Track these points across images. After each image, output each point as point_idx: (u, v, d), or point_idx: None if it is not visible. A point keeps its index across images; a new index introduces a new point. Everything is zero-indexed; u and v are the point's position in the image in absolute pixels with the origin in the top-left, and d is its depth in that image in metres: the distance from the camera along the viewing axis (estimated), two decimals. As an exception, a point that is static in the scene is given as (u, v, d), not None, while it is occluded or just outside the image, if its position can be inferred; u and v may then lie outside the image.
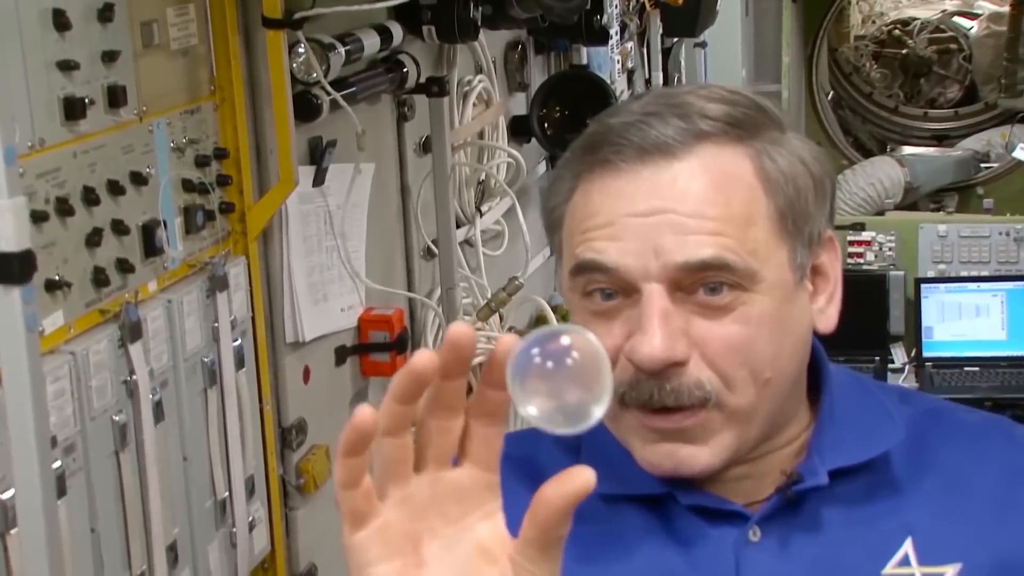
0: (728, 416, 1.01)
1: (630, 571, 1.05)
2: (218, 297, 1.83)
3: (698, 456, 1.01)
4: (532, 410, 0.76)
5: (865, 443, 1.07)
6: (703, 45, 4.81)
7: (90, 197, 1.57)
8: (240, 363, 1.89)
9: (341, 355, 2.23)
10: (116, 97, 1.62)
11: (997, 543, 1.04)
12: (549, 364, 0.75)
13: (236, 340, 1.89)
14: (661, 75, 4.27)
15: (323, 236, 2.15)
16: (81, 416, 1.55)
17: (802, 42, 5.69)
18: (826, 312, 1.08)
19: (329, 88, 2.03)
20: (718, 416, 1.01)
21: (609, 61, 3.73)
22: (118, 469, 1.63)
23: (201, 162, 1.83)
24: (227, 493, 1.88)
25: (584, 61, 3.36)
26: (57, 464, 1.48)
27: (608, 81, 3.47)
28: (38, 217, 1.48)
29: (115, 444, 1.62)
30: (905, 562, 1.04)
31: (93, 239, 1.58)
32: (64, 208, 1.52)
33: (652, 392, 0.99)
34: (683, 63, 4.58)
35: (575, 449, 1.06)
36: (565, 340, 0.76)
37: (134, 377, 1.64)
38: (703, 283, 0.99)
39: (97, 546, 1.59)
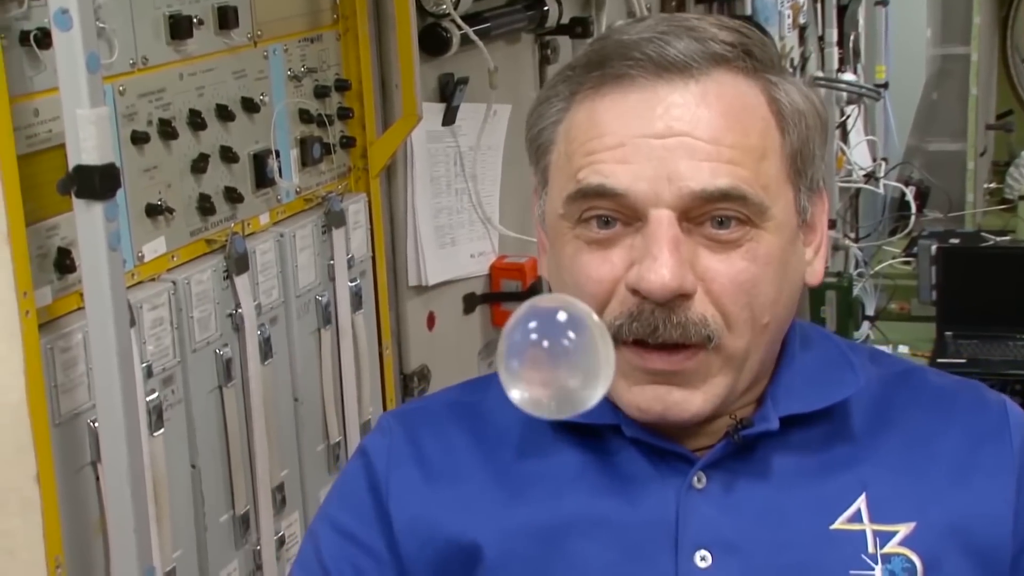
0: (724, 360, 0.95)
1: (563, 514, 0.99)
2: (334, 234, 1.76)
3: (691, 400, 0.95)
4: (518, 395, 0.68)
5: (822, 392, 1.00)
6: (884, 3, 4.57)
7: (196, 121, 1.51)
8: (358, 304, 1.82)
9: (470, 303, 2.14)
10: (227, 18, 1.55)
11: (954, 505, 0.99)
12: (546, 344, 0.68)
13: (354, 280, 1.81)
14: (836, 33, 4.05)
15: (452, 178, 2.07)
16: (181, 348, 1.49)
17: (997, 2, 5.36)
18: (813, 265, 1.02)
19: (460, 21, 1.94)
20: (716, 359, 0.95)
21: (778, 15, 3.56)
22: (221, 405, 1.57)
23: (320, 93, 1.76)
24: (341, 437, 1.81)
25: (748, 12, 3.21)
26: (153, 396, 1.44)
27: (776, 36, 3.31)
28: (138, 138, 1.42)
29: (218, 379, 1.56)
30: (857, 518, 0.98)
31: (199, 165, 1.52)
32: (167, 131, 1.47)
33: (657, 324, 0.92)
34: (861, 21, 4.34)
35: None
36: (562, 316, 0.68)
37: (240, 311, 1.58)
38: (712, 215, 0.93)
39: (198, 482, 1.54)
